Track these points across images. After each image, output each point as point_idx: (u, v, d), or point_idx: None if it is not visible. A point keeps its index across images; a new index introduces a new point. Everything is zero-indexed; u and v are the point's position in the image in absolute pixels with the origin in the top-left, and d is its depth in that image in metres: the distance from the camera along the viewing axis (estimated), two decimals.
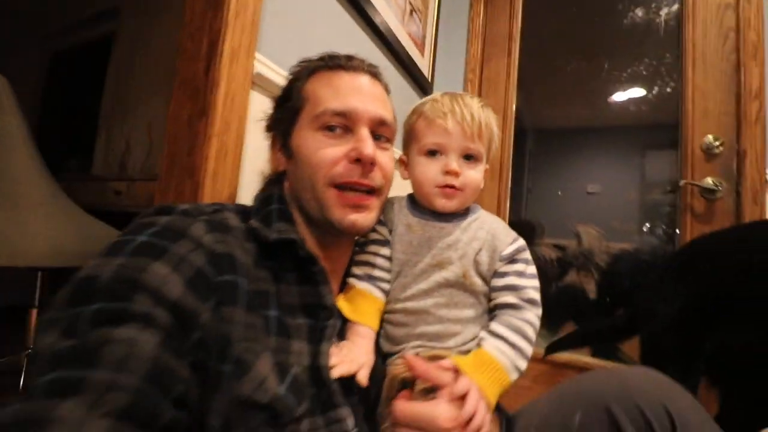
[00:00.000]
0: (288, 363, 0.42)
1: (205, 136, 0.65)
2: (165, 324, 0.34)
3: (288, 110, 0.55)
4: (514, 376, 0.50)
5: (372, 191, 0.54)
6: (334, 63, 0.56)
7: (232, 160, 0.68)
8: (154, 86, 1.68)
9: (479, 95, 1.60)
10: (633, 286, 1.48)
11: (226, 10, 0.68)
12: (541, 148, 1.74)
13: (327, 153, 0.51)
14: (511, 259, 0.55)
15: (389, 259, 0.58)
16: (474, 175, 0.57)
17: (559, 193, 1.67)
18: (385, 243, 0.59)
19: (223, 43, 0.67)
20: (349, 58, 0.57)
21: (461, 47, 1.63)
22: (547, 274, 1.71)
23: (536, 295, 0.55)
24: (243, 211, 0.50)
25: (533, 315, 0.54)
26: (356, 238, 0.60)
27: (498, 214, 1.52)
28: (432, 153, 0.58)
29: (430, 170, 0.57)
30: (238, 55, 0.69)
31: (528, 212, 1.84)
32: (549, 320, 1.56)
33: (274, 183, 0.56)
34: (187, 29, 0.73)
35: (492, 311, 0.56)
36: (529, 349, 0.52)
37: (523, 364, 0.51)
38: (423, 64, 1.48)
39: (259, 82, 0.73)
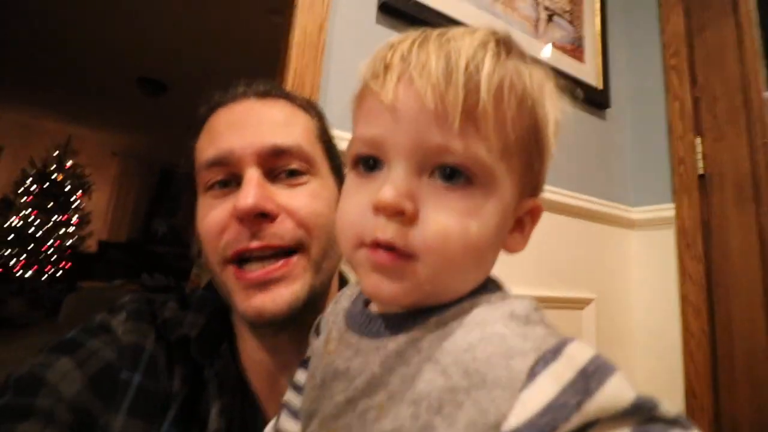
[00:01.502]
0: None
1: None
2: (67, 422, 0.33)
3: (187, 182, 0.46)
4: None
5: (284, 252, 0.39)
6: (212, 103, 0.45)
7: None
8: None
9: (692, 82, 1.08)
10: None
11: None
12: None
13: (211, 219, 0.40)
14: None
15: None
16: (455, 218, 0.24)
17: None
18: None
19: None
20: (228, 90, 0.45)
21: (651, 29, 1.18)
22: None
23: None
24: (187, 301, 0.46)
25: None
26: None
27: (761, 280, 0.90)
28: (366, 164, 0.27)
29: (353, 206, 0.27)
30: None
31: None
32: None
33: None
34: None
35: None
36: None
37: None
38: (587, 71, 1.14)
39: None
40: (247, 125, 0.41)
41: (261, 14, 2.26)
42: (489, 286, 0.28)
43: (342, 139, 0.67)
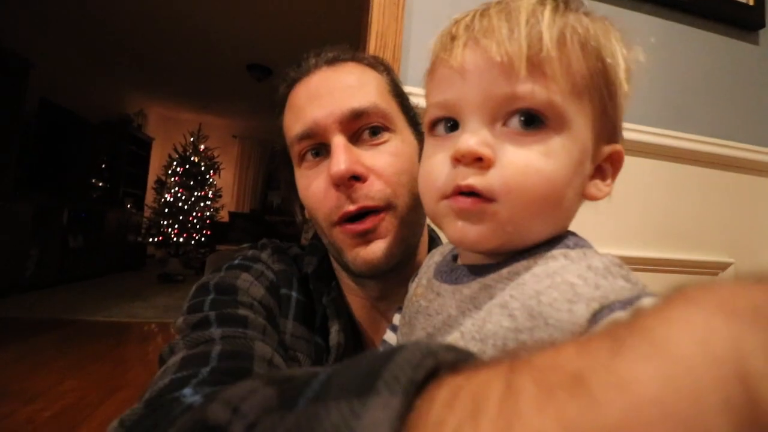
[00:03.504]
0: None
1: None
2: (262, 314, 0.41)
3: (283, 156, 0.50)
4: None
5: (375, 211, 0.41)
6: (290, 80, 0.47)
7: None
8: None
9: None
10: None
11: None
12: None
13: (313, 190, 0.44)
14: None
15: None
16: (531, 159, 0.25)
17: None
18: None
19: None
20: (300, 64, 0.47)
21: None
22: None
23: None
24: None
25: None
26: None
27: None
28: (446, 125, 0.29)
29: (433, 164, 0.29)
30: None
31: None
32: None
33: None
34: None
35: None
36: None
37: None
38: None
39: None
40: (324, 95, 0.43)
41: None
42: (569, 242, 0.27)
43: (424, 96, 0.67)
